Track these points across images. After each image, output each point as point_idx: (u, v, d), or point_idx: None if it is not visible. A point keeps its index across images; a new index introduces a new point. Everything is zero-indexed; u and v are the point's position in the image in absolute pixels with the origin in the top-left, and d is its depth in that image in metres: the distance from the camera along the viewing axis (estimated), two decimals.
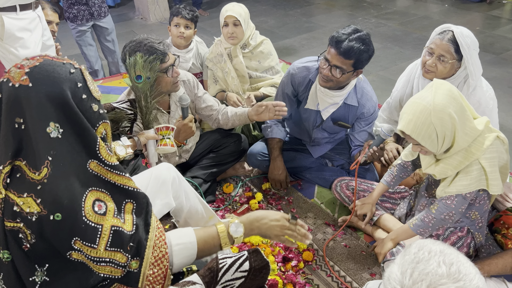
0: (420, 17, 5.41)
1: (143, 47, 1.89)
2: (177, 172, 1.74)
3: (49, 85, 0.98)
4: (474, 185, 1.58)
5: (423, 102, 1.49)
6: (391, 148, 2.26)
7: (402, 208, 2.06)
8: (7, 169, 0.99)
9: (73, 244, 1.01)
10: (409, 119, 1.51)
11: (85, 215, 1.01)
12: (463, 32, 1.84)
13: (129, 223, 1.10)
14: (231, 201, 2.36)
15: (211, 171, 2.35)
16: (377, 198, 2.03)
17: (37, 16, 2.36)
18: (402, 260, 0.87)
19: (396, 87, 2.31)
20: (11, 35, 2.21)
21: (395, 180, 1.96)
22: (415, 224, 1.75)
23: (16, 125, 0.98)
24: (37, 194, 0.98)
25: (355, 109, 2.18)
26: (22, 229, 1.00)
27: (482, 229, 1.82)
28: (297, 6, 6.15)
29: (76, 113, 1.02)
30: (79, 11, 3.47)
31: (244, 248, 1.94)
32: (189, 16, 2.71)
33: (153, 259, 1.13)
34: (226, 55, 2.70)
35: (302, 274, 1.90)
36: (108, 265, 1.06)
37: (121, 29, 5.59)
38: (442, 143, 1.53)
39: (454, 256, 0.86)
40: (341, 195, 2.17)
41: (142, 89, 1.86)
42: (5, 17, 2.18)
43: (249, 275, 1.17)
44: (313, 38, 4.95)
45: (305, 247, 2.01)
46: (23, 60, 1.03)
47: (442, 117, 1.47)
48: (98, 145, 1.06)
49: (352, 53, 1.88)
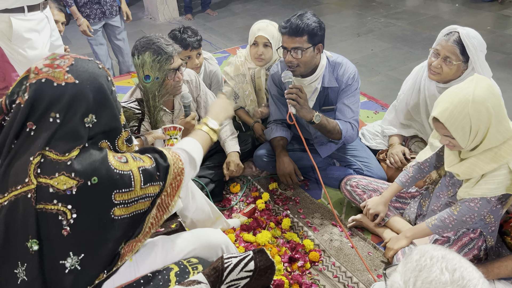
0: (430, 16, 5.35)
1: (151, 46, 1.90)
2: None
3: (91, 80, 1.09)
4: (500, 189, 1.55)
5: (462, 92, 1.47)
6: (396, 152, 2.25)
7: (413, 208, 2.03)
8: (37, 160, 1.04)
9: (114, 198, 1.11)
10: (445, 107, 1.48)
11: (116, 168, 1.11)
12: (470, 33, 1.82)
13: (147, 160, 1.20)
14: (238, 201, 2.35)
15: (218, 171, 2.35)
16: (390, 198, 2.01)
17: (45, 17, 2.38)
18: (404, 268, 0.86)
19: (403, 90, 2.29)
20: (19, 36, 2.23)
21: (410, 180, 1.94)
22: (434, 224, 1.72)
23: (50, 119, 1.05)
24: (68, 170, 1.05)
25: (337, 89, 2.20)
26: (60, 209, 1.05)
27: (495, 233, 1.80)
28: (306, 6, 6.13)
29: (111, 104, 1.14)
30: (92, 10, 3.48)
31: (250, 248, 1.93)
32: (197, 45, 2.53)
33: (174, 175, 1.24)
34: (249, 77, 2.59)
35: (308, 275, 1.89)
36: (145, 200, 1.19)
37: (130, 28, 5.62)
38: (474, 137, 1.50)
39: (456, 262, 0.84)
40: (352, 194, 2.15)
41: (150, 89, 1.86)
42: (13, 18, 2.20)
43: (254, 275, 1.17)
44: None
45: (312, 248, 2.00)
46: (48, 61, 1.08)
47: (480, 109, 1.44)
48: (119, 137, 1.18)
49: (300, 29, 1.96)
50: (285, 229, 2.12)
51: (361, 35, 4.92)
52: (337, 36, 4.97)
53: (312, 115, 2.06)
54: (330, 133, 2.17)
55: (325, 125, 2.12)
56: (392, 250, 1.84)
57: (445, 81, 1.98)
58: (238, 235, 2.03)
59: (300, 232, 2.12)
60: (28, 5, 2.26)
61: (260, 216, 2.18)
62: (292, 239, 2.04)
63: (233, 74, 2.64)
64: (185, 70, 2.30)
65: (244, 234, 2.02)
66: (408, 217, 2.02)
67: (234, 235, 2.02)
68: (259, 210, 2.24)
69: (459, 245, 1.75)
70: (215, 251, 1.38)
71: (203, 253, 1.35)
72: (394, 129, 2.36)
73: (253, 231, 2.07)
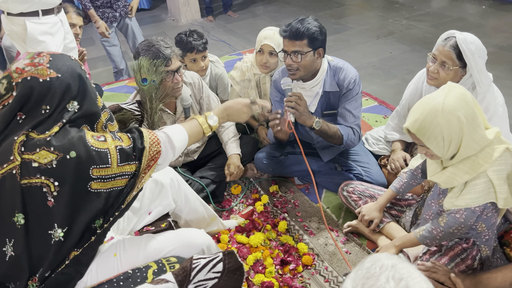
0: (454, 18, 5.22)
1: (150, 49, 1.96)
2: (177, 176, 1.80)
3: (70, 71, 1.21)
4: (482, 198, 1.52)
5: (432, 102, 1.46)
6: (397, 158, 2.22)
7: (408, 216, 2.01)
8: (21, 138, 1.14)
9: (91, 173, 1.20)
10: (416, 117, 1.48)
11: (92, 145, 1.20)
12: (467, 39, 1.79)
13: (126, 140, 1.29)
14: (237, 203, 2.39)
15: (220, 172, 2.39)
16: (385, 204, 2.00)
17: (59, 21, 2.49)
18: (355, 275, 0.87)
19: (405, 95, 2.27)
20: (33, 39, 2.34)
21: (404, 186, 1.92)
22: (422, 235, 1.70)
23: (43, 111, 1.16)
24: (48, 146, 1.15)
25: (339, 93, 2.19)
26: (44, 182, 1.15)
27: (489, 242, 1.76)
28: (327, 7, 6.09)
29: (90, 89, 1.25)
30: (104, 13, 3.60)
31: (242, 250, 1.96)
32: (203, 48, 2.56)
33: (150, 156, 1.31)
34: (254, 83, 2.63)
35: (300, 278, 1.90)
36: (122, 178, 1.27)
37: (153, 30, 5.77)
38: (448, 147, 1.48)
39: (405, 271, 0.84)
40: (347, 199, 2.15)
41: (147, 92, 1.92)
42: (28, 22, 2.31)
43: (222, 276, 1.20)
44: (339, 40, 4.90)
45: (305, 251, 2.01)
46: (27, 60, 1.18)
47: (450, 119, 1.43)
48: (98, 121, 1.28)
49: (300, 33, 1.97)
50: (281, 231, 2.14)
51: (381, 37, 4.85)
52: (356, 38, 4.93)
53: (312, 121, 2.05)
54: (331, 138, 2.17)
55: (325, 131, 2.11)
56: None
57: None
58: (232, 236, 2.06)
59: (295, 236, 2.13)
60: (42, 9, 2.38)
61: (258, 218, 2.21)
62: (286, 242, 2.06)
63: (239, 79, 2.67)
64: (189, 73, 2.36)
65: (237, 235, 2.05)
66: (404, 225, 2.01)
67: (228, 236, 2.05)
68: (258, 212, 2.27)
69: (450, 254, 1.72)
70: (196, 251, 1.42)
71: (184, 253, 1.39)
72: (396, 134, 2.34)
73: (248, 233, 2.09)
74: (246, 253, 1.95)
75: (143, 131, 1.34)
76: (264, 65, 2.50)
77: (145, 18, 6.38)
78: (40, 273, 1.20)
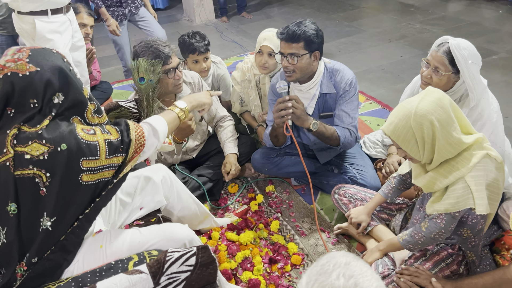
0: (470, 23, 5.15)
1: (149, 49, 2.02)
2: (170, 174, 1.86)
3: (50, 64, 1.24)
4: (461, 203, 1.52)
5: (407, 106, 1.49)
6: (392, 161, 2.23)
7: (398, 220, 2.02)
8: (13, 132, 1.20)
9: (81, 165, 1.26)
10: (391, 120, 1.53)
11: (82, 138, 1.26)
12: (460, 44, 1.78)
13: (114, 132, 1.36)
14: (233, 201, 2.43)
15: (217, 170, 2.43)
16: (373, 208, 2.02)
17: (67, 20, 2.57)
18: (310, 271, 0.90)
19: (401, 100, 2.26)
20: (42, 37, 2.43)
21: (393, 191, 1.93)
22: (405, 239, 1.72)
23: (31, 105, 1.22)
24: (39, 138, 1.21)
25: (335, 95, 2.21)
26: (36, 173, 1.21)
27: (476, 248, 1.75)
28: (341, 9, 6.08)
29: (73, 81, 1.29)
30: (114, 12, 3.67)
31: (232, 247, 2.00)
32: (205, 49, 2.60)
33: (135, 148, 1.39)
34: (254, 83, 2.67)
35: (287, 277, 1.93)
36: (110, 169, 1.33)
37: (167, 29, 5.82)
38: (423, 150, 1.51)
39: (357, 269, 0.87)
40: (338, 202, 2.17)
41: (144, 91, 1.98)
42: (37, 20, 2.41)
43: (195, 269, 1.25)
44: (351, 43, 4.89)
45: (295, 251, 2.04)
46: (8, 56, 1.24)
47: (422, 122, 1.46)
48: (87, 109, 1.34)
49: (296, 35, 2.00)
50: (273, 231, 2.17)
51: (393, 41, 4.83)
52: (368, 41, 4.91)
53: (310, 123, 2.08)
54: (328, 140, 2.19)
55: (323, 132, 2.14)
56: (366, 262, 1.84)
57: None
58: (223, 233, 2.10)
59: (287, 235, 2.16)
60: (51, 9, 2.46)
61: (251, 217, 2.25)
62: (277, 241, 2.09)
63: (239, 79, 2.72)
64: (189, 72, 2.41)
65: (228, 233, 2.09)
66: (394, 228, 2.01)
67: (219, 233, 2.10)
68: (252, 211, 2.30)
69: (435, 259, 1.73)
70: (178, 245, 1.46)
71: (166, 246, 1.44)
72: None
73: (239, 231, 2.13)
74: (235, 250, 1.99)
75: (129, 124, 1.41)
76: (263, 66, 2.54)
77: (161, 17, 6.47)
78: (27, 258, 1.27)
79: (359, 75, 4.09)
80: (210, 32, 5.72)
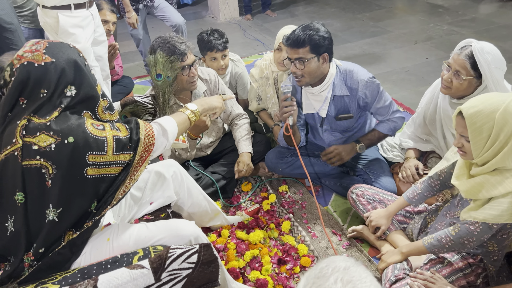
0: (500, 25, 4.97)
1: (165, 45, 2.03)
2: (181, 169, 1.86)
3: (66, 57, 1.28)
4: (505, 217, 1.45)
5: (499, 98, 1.41)
6: (409, 166, 2.17)
7: (417, 223, 1.95)
8: (23, 122, 1.23)
9: (88, 159, 1.27)
10: (475, 104, 1.42)
11: (91, 132, 1.27)
12: (484, 48, 1.71)
13: (123, 130, 1.37)
14: (246, 200, 2.42)
15: (231, 168, 2.43)
16: (394, 212, 1.96)
17: (90, 14, 2.61)
18: (309, 273, 0.89)
19: (421, 103, 2.21)
20: (64, 31, 2.48)
21: (418, 197, 1.86)
22: (430, 243, 1.66)
23: (41, 95, 1.24)
24: (48, 130, 1.23)
25: (350, 97, 2.18)
26: (43, 164, 1.23)
27: (498, 262, 1.68)
28: (367, 9, 5.98)
29: (87, 75, 1.31)
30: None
31: (241, 246, 1.99)
32: (223, 47, 2.61)
33: (144, 147, 1.39)
34: (272, 81, 2.65)
35: (296, 279, 1.91)
36: (117, 166, 1.34)
37: (191, 26, 5.89)
38: (489, 147, 1.42)
39: (356, 275, 0.84)
40: (356, 202, 2.12)
41: (161, 87, 1.99)
42: (60, 15, 2.45)
43: (196, 267, 1.24)
44: (375, 43, 4.80)
45: (305, 253, 2.01)
46: (27, 47, 1.28)
47: (508, 119, 1.37)
48: (98, 105, 1.35)
49: (301, 40, 1.98)
50: (284, 231, 2.15)
51: (419, 43, 4.71)
52: (393, 42, 4.81)
53: (355, 150, 2.23)
54: (379, 140, 2.33)
55: (372, 143, 2.29)
56: (385, 262, 1.80)
57: (457, 96, 1.89)
58: (233, 231, 2.10)
59: (298, 236, 2.14)
60: (74, 3, 2.51)
61: (263, 217, 2.23)
62: (287, 242, 2.07)
63: (257, 76, 2.70)
64: (205, 69, 2.41)
65: (237, 231, 2.08)
66: (411, 231, 1.95)
67: (229, 231, 2.09)
68: (263, 211, 2.29)
69: (453, 267, 1.66)
70: (184, 241, 1.46)
71: (172, 242, 1.44)
72: (411, 142, 2.29)
73: (250, 230, 2.12)
74: (244, 249, 1.98)
75: (139, 123, 1.41)
76: (281, 62, 2.50)
77: (187, 14, 6.54)
78: (34, 248, 1.29)
79: (382, 77, 4.02)
80: (234, 30, 5.72)
